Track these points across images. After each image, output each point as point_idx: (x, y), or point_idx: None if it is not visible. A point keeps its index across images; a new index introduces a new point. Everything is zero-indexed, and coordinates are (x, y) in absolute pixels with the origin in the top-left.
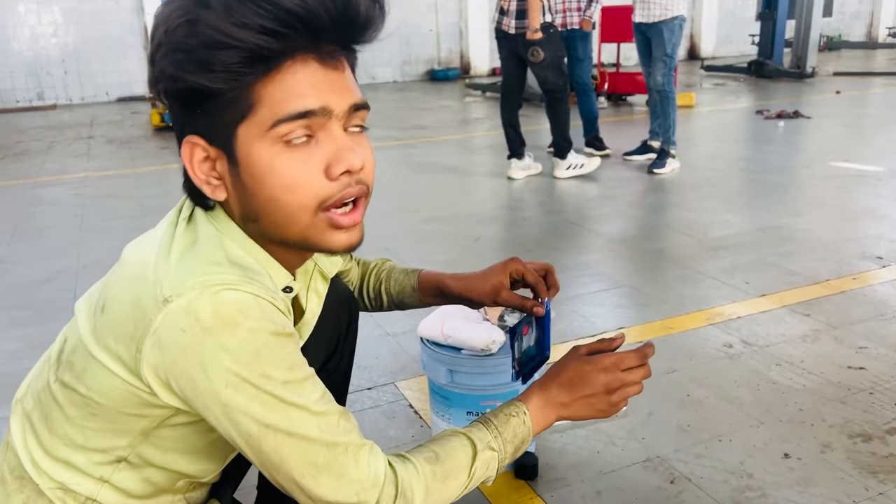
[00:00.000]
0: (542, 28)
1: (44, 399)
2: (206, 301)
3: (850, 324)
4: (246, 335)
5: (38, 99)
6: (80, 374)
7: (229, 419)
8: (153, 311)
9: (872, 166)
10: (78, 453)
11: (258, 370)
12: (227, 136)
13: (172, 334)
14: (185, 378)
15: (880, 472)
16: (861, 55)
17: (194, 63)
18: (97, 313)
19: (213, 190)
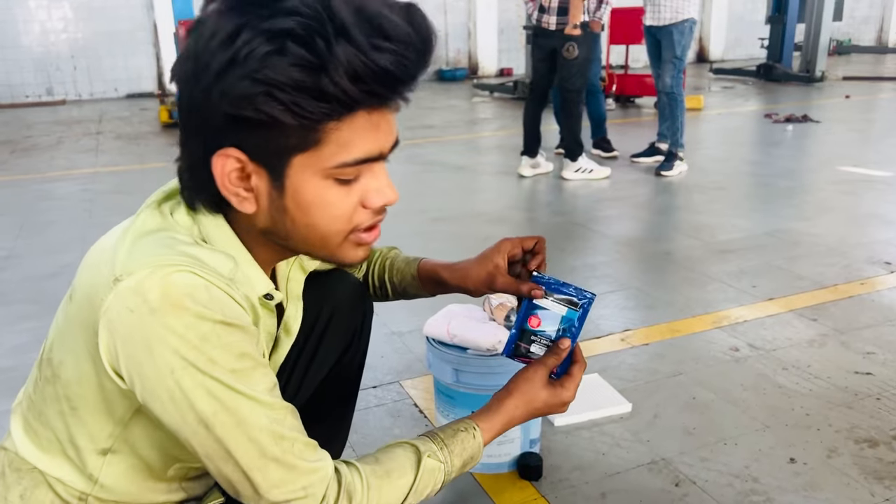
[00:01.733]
0: (581, 26)
1: (34, 398)
2: (155, 281)
3: (857, 329)
4: (192, 319)
5: (48, 94)
6: (58, 367)
7: (176, 407)
8: (105, 291)
9: (881, 171)
10: (69, 448)
11: (205, 355)
12: (280, 162)
13: (121, 314)
14: (132, 361)
15: (886, 477)
16: (871, 60)
17: (275, 98)
18: (66, 304)
19: (241, 202)
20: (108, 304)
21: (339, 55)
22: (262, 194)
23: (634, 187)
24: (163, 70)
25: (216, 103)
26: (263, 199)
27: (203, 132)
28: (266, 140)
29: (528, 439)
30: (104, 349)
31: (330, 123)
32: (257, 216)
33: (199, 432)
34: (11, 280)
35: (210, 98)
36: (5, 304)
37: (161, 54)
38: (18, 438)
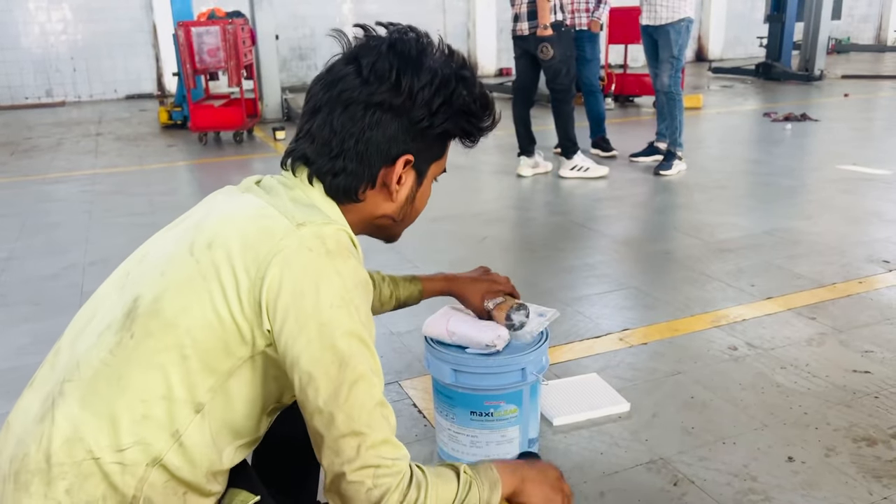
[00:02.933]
0: (554, 26)
1: (112, 361)
2: (331, 231)
3: (855, 327)
4: (354, 267)
5: (47, 96)
6: (175, 317)
7: (322, 341)
8: (285, 233)
9: (880, 170)
10: (159, 404)
11: (355, 301)
12: (426, 166)
13: (300, 253)
14: (295, 294)
15: (884, 476)
16: (870, 58)
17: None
18: (198, 253)
19: (394, 194)
20: (287, 242)
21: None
22: (406, 188)
23: (633, 186)
24: (162, 71)
25: (427, 126)
26: (405, 192)
27: (391, 141)
28: (432, 151)
29: (526, 439)
30: (269, 283)
31: (449, 143)
32: (390, 204)
33: (331, 371)
34: (12, 281)
35: (421, 122)
36: (6, 306)
37: (160, 56)
38: (76, 414)
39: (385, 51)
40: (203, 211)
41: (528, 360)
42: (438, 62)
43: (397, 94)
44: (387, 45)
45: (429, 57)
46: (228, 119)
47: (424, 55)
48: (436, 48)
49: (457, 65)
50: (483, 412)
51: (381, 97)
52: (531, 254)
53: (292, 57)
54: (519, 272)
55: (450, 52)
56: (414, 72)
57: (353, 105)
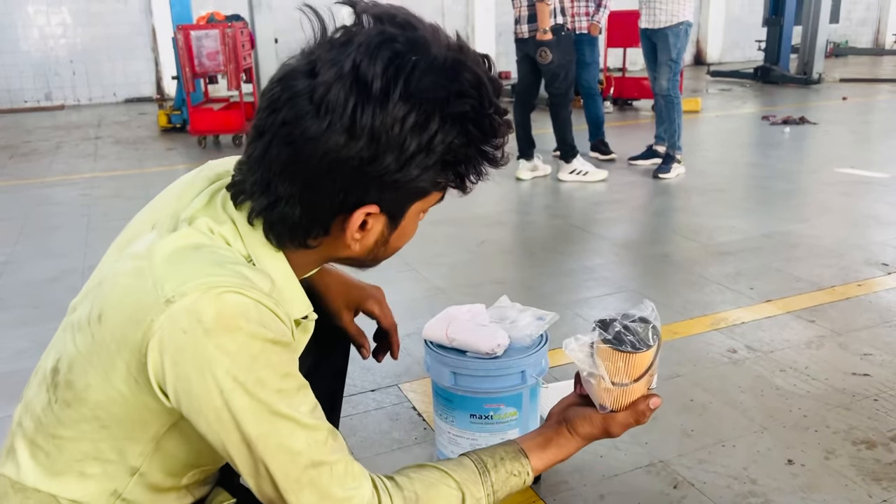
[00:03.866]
0: (554, 30)
1: (46, 420)
2: (208, 302)
3: (854, 330)
4: (245, 339)
5: (46, 99)
6: (84, 390)
7: (222, 426)
8: (155, 312)
9: (878, 173)
10: (91, 466)
11: (254, 376)
12: (403, 210)
13: (174, 335)
14: (181, 380)
15: (884, 479)
16: (868, 61)
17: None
18: (93, 325)
19: (355, 243)
20: (159, 324)
21: (502, 125)
22: (374, 234)
23: (632, 190)
24: (161, 75)
25: (396, 179)
26: (372, 237)
27: (347, 192)
28: (404, 197)
29: None
30: (152, 368)
31: None
32: (351, 249)
33: (242, 451)
34: (10, 285)
35: (386, 176)
36: (5, 310)
37: (160, 59)
38: (24, 464)
39: (348, 69)
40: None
41: (528, 362)
42: (427, 85)
43: (352, 137)
44: (354, 56)
45: (413, 76)
46: (227, 122)
47: (399, 79)
48: (434, 57)
49: (451, 93)
50: (483, 415)
51: (331, 141)
52: (530, 257)
53: None
54: (518, 275)
55: (454, 65)
56: (380, 105)
57: (297, 144)
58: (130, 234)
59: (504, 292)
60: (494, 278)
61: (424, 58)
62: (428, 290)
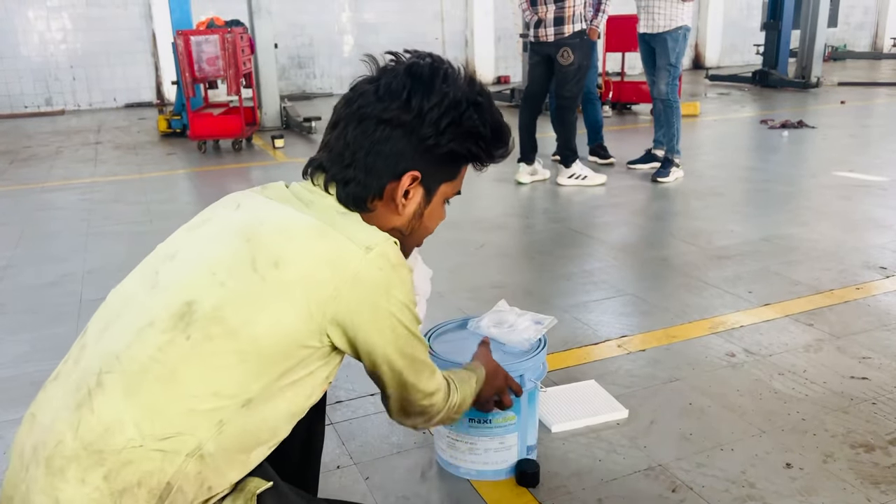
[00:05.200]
0: (576, 34)
1: (162, 358)
2: (391, 248)
3: (853, 334)
4: (407, 273)
5: (47, 104)
6: (241, 325)
7: (393, 329)
8: (356, 258)
9: (877, 176)
10: (208, 401)
11: (411, 297)
12: (436, 185)
13: (371, 273)
14: (369, 306)
15: (882, 482)
16: (866, 65)
17: (479, 146)
18: (263, 270)
19: (400, 207)
20: (359, 265)
21: (504, 123)
22: (413, 204)
23: (631, 193)
24: (161, 80)
25: (434, 144)
26: (412, 207)
27: (399, 157)
28: (441, 171)
29: (524, 446)
30: (344, 302)
31: (464, 167)
32: (398, 218)
33: (399, 347)
34: (10, 289)
35: (428, 140)
36: (4, 314)
37: (160, 64)
38: (121, 403)
39: (401, 72)
40: (241, 217)
41: (527, 367)
42: (453, 87)
43: (407, 111)
44: (404, 67)
45: (443, 81)
46: (227, 127)
47: (437, 78)
48: (456, 74)
49: (473, 91)
50: (481, 419)
51: (391, 114)
52: (529, 261)
53: (291, 65)
54: (517, 279)
55: (471, 80)
56: (425, 93)
57: (367, 120)
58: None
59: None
60: (493, 282)
61: (453, 69)
62: None
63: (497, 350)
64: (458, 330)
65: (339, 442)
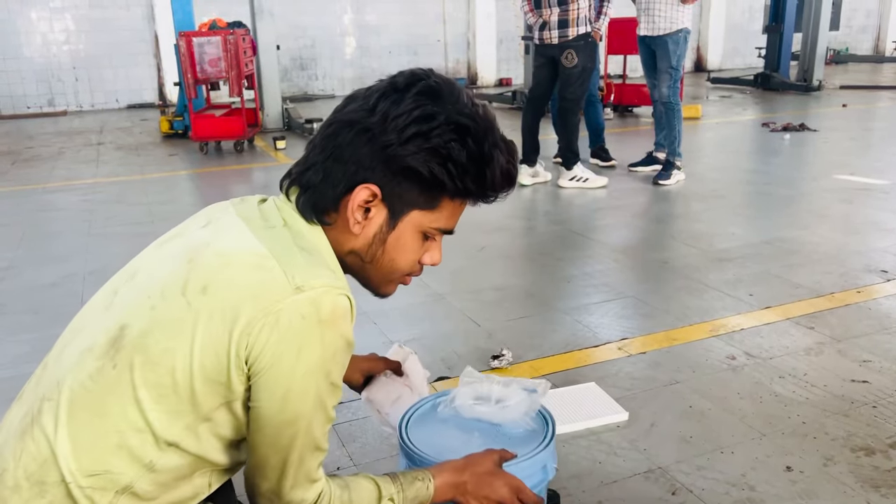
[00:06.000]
0: (581, 36)
1: (92, 387)
2: (329, 299)
3: (854, 337)
4: (338, 336)
5: (49, 105)
6: (160, 355)
7: (285, 400)
8: (282, 295)
9: (878, 180)
10: (134, 436)
11: (329, 367)
12: (403, 209)
13: (291, 318)
14: (273, 355)
15: (883, 486)
16: (868, 69)
17: (448, 169)
18: (191, 295)
19: (355, 224)
20: (282, 305)
21: (499, 159)
22: (374, 225)
23: (632, 196)
24: (163, 81)
25: (394, 154)
26: (372, 228)
27: (357, 165)
28: (408, 191)
29: None
30: (255, 342)
31: (447, 199)
32: (356, 238)
33: (285, 424)
34: (11, 290)
35: (388, 148)
36: (5, 314)
37: (162, 65)
38: (52, 433)
39: (387, 82)
40: (199, 235)
41: (549, 454)
42: (435, 101)
43: (371, 114)
44: (389, 77)
45: (421, 92)
46: (229, 128)
47: (414, 88)
48: (447, 92)
49: (461, 112)
50: None
51: (356, 115)
52: (530, 263)
53: (293, 67)
54: (518, 281)
55: (469, 102)
56: (397, 99)
57: (334, 123)
58: (178, 231)
59: (504, 298)
60: (494, 284)
61: (448, 87)
62: (427, 296)
63: (494, 437)
64: (431, 415)
65: (340, 443)
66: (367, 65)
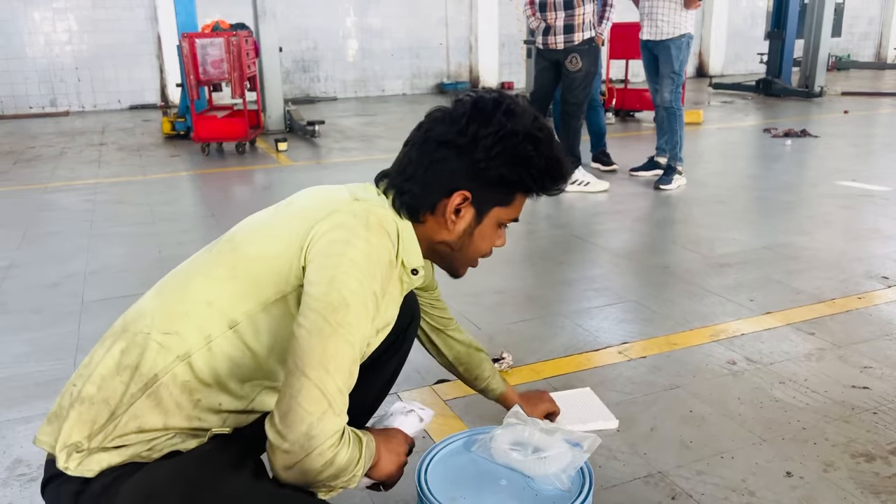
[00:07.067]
0: (585, 42)
1: (189, 267)
2: (379, 212)
3: (854, 343)
4: (384, 244)
5: (51, 105)
6: (243, 243)
7: (332, 284)
8: (339, 203)
9: (879, 186)
10: (202, 308)
11: (375, 268)
12: (487, 208)
13: (344, 217)
14: (327, 242)
15: (883, 492)
16: (870, 75)
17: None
18: (280, 208)
19: (450, 223)
20: (339, 206)
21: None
22: (463, 223)
23: (633, 201)
24: (166, 82)
25: (485, 167)
26: (462, 225)
27: (453, 177)
28: (492, 194)
29: None
30: (314, 233)
31: (520, 195)
32: (449, 232)
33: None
34: (12, 289)
35: (480, 163)
36: (7, 314)
37: (164, 67)
38: (148, 300)
39: (468, 103)
40: None
41: None
42: (513, 120)
43: (463, 135)
44: (471, 100)
45: (504, 114)
46: (231, 130)
47: (498, 111)
48: (520, 111)
49: (533, 126)
50: None
51: (449, 136)
52: (531, 266)
53: (295, 69)
54: (518, 284)
55: (534, 117)
56: (483, 121)
57: (429, 142)
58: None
59: (505, 301)
60: (495, 287)
61: (519, 107)
62: None
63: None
64: (463, 453)
65: None
66: (369, 67)
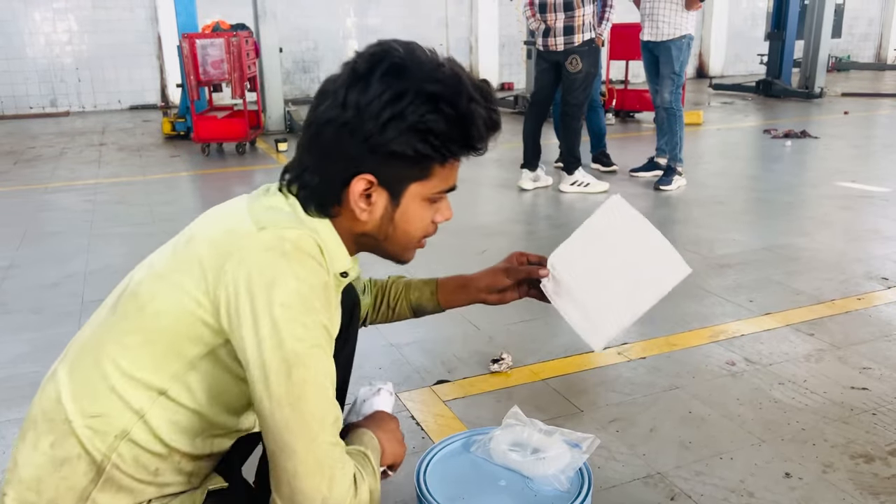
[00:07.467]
0: (585, 42)
1: (97, 333)
2: (292, 235)
3: (854, 344)
4: (309, 268)
5: (52, 106)
6: (148, 301)
7: (270, 340)
8: (247, 234)
9: (879, 187)
10: (123, 381)
11: (309, 302)
12: (401, 187)
13: (257, 252)
14: (247, 294)
15: (882, 493)
16: (870, 76)
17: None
18: (178, 248)
19: (361, 212)
20: (247, 241)
21: (478, 112)
22: (379, 208)
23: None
24: (166, 83)
25: (377, 143)
26: (377, 211)
27: (347, 160)
28: (400, 170)
29: None
30: (225, 282)
31: (437, 165)
32: (365, 223)
33: (280, 370)
34: (12, 290)
35: (371, 139)
36: (6, 314)
37: (164, 67)
38: (63, 381)
39: (349, 68)
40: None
41: None
42: (400, 77)
43: (344, 109)
44: (350, 63)
45: (387, 72)
46: (231, 130)
47: (377, 70)
48: (411, 62)
49: (428, 79)
50: None
51: (331, 113)
52: None
53: (295, 69)
54: None
55: (435, 66)
56: (362, 88)
57: (313, 123)
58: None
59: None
60: None
61: (410, 57)
62: None
63: (520, 491)
64: (462, 454)
65: None
66: None
